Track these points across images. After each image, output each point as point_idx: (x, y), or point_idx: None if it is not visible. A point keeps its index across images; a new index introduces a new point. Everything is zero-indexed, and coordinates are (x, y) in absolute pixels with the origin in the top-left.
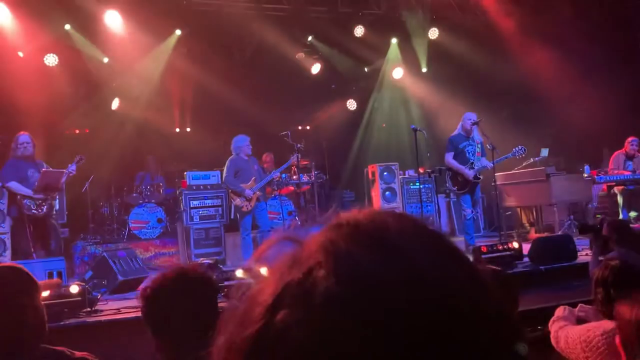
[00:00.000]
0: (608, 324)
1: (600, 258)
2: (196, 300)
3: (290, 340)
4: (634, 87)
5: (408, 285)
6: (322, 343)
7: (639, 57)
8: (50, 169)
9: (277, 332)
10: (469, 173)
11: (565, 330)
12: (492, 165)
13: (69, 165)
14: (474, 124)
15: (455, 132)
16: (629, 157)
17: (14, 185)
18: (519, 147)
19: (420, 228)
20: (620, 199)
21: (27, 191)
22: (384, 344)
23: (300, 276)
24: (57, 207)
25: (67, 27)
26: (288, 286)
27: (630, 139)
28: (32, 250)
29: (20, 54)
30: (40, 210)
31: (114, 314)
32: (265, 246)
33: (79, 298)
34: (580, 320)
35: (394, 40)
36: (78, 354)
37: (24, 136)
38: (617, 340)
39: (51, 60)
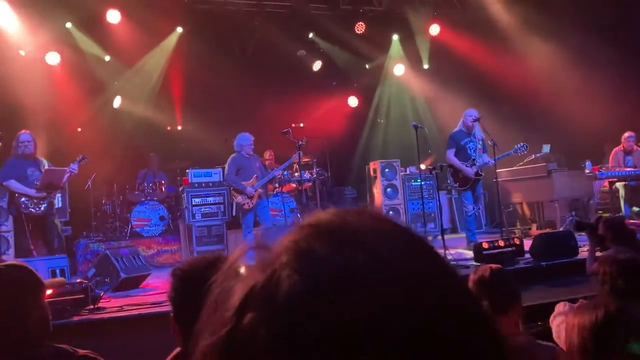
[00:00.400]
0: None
1: (598, 254)
2: None
3: (257, 341)
4: (636, 83)
5: (369, 277)
6: (287, 341)
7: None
8: (53, 167)
9: (244, 335)
10: (470, 170)
11: (564, 326)
12: (493, 161)
13: (71, 164)
14: (475, 120)
15: (457, 129)
16: (628, 153)
17: (12, 183)
18: (521, 144)
19: (383, 222)
20: (621, 195)
21: (26, 189)
22: (348, 338)
23: (265, 278)
24: (59, 204)
25: (69, 25)
26: (254, 288)
27: (626, 134)
28: (32, 248)
29: (22, 53)
30: (37, 209)
31: (117, 311)
32: (235, 256)
33: (82, 295)
34: None
35: (395, 37)
36: (81, 351)
37: (24, 135)
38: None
39: (53, 58)
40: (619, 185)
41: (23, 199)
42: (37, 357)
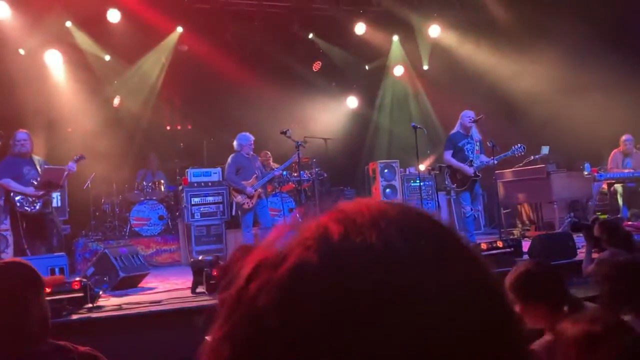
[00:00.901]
0: (548, 337)
1: (594, 256)
2: None
3: (257, 305)
4: (635, 86)
5: (377, 263)
6: (283, 307)
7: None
8: (52, 166)
9: (248, 299)
10: (469, 170)
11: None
12: (491, 161)
13: (69, 163)
14: (474, 121)
15: (454, 130)
16: (627, 155)
17: (8, 182)
18: (518, 145)
19: (406, 212)
20: (620, 197)
21: (23, 188)
22: (345, 314)
23: (276, 252)
24: (58, 204)
25: (69, 24)
26: (264, 259)
27: (624, 137)
28: (26, 247)
29: (21, 51)
30: (32, 207)
31: (115, 310)
32: (273, 237)
33: (81, 294)
34: None
35: (395, 38)
36: (81, 348)
37: (21, 133)
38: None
39: (52, 57)
40: (618, 186)
41: (18, 197)
42: (37, 354)
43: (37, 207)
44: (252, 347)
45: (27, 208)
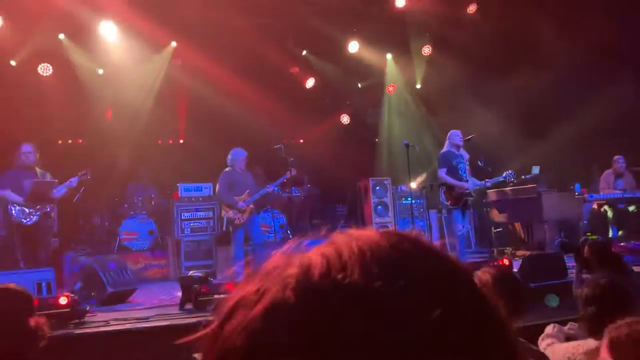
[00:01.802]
0: (592, 343)
1: (585, 276)
2: None
3: (230, 347)
4: (624, 106)
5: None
6: (253, 350)
7: (628, 76)
8: (41, 180)
9: (222, 340)
10: (466, 185)
11: (553, 347)
12: (483, 184)
13: (71, 178)
14: (467, 140)
15: (445, 149)
16: (618, 176)
17: (7, 193)
18: (509, 171)
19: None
20: (609, 218)
21: (18, 198)
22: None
23: (257, 288)
24: (56, 216)
25: (61, 36)
26: (244, 297)
27: (616, 157)
28: (19, 259)
29: (13, 63)
30: (29, 220)
31: (103, 325)
32: (260, 270)
33: (68, 309)
34: (569, 338)
35: (388, 56)
36: None
37: (26, 146)
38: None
39: (45, 69)
40: (607, 207)
41: (15, 210)
42: None
43: (34, 219)
44: None
45: (23, 220)
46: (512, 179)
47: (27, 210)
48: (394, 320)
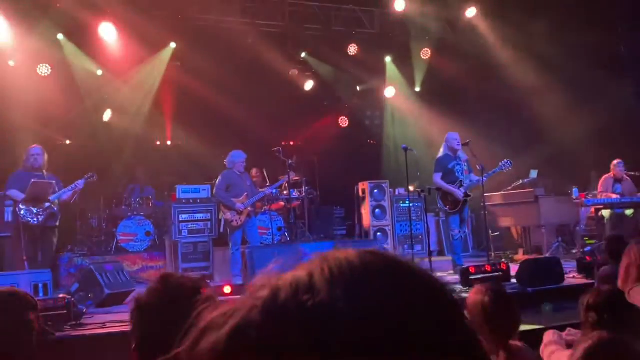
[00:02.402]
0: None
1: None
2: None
3: None
4: (622, 110)
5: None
6: None
7: (628, 80)
8: (39, 181)
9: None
10: (459, 193)
11: (557, 355)
12: (481, 179)
13: (78, 180)
14: (464, 144)
15: (442, 153)
16: (617, 180)
17: (13, 193)
18: (505, 160)
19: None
20: (607, 222)
21: (20, 196)
22: None
23: (227, 310)
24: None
25: (60, 36)
26: (213, 319)
27: (615, 161)
28: (24, 258)
29: (11, 63)
30: (36, 219)
31: (99, 327)
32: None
33: (65, 311)
34: (569, 344)
35: (387, 59)
36: None
37: (35, 148)
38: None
39: (44, 70)
40: (605, 212)
41: (22, 209)
42: None
43: (41, 220)
44: None
45: (30, 220)
46: (509, 168)
47: (34, 210)
48: (351, 343)
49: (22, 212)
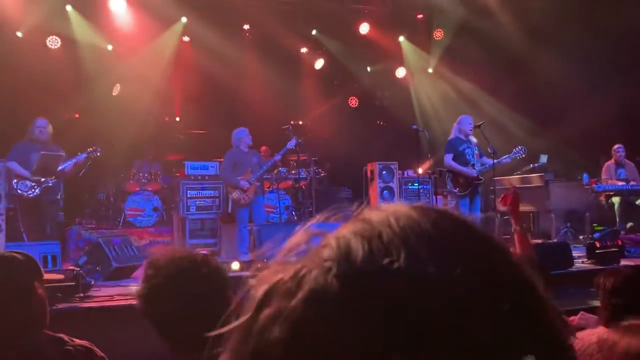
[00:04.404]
0: (603, 331)
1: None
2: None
3: (267, 339)
4: (632, 96)
5: (406, 287)
6: (296, 343)
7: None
8: (49, 153)
9: (257, 331)
10: (471, 171)
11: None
12: (493, 162)
13: (80, 154)
14: (476, 127)
15: (453, 135)
16: (619, 165)
17: (12, 165)
18: (519, 147)
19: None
20: (617, 209)
21: (22, 171)
22: (364, 341)
23: (292, 274)
24: (61, 191)
25: (69, 8)
26: (278, 283)
27: (615, 146)
28: (22, 231)
29: (19, 34)
30: (31, 192)
31: (107, 300)
32: (295, 242)
33: (73, 283)
34: (578, 328)
35: (400, 39)
36: (77, 341)
37: (40, 121)
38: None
39: (53, 42)
40: (615, 199)
41: (18, 182)
42: (34, 345)
43: (36, 192)
44: None
45: (24, 193)
46: (522, 155)
47: (29, 183)
48: (460, 309)
49: (18, 186)
